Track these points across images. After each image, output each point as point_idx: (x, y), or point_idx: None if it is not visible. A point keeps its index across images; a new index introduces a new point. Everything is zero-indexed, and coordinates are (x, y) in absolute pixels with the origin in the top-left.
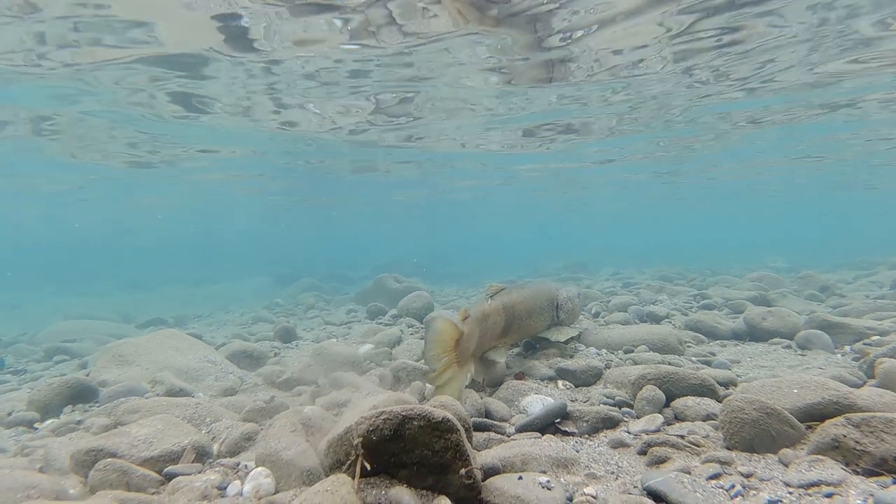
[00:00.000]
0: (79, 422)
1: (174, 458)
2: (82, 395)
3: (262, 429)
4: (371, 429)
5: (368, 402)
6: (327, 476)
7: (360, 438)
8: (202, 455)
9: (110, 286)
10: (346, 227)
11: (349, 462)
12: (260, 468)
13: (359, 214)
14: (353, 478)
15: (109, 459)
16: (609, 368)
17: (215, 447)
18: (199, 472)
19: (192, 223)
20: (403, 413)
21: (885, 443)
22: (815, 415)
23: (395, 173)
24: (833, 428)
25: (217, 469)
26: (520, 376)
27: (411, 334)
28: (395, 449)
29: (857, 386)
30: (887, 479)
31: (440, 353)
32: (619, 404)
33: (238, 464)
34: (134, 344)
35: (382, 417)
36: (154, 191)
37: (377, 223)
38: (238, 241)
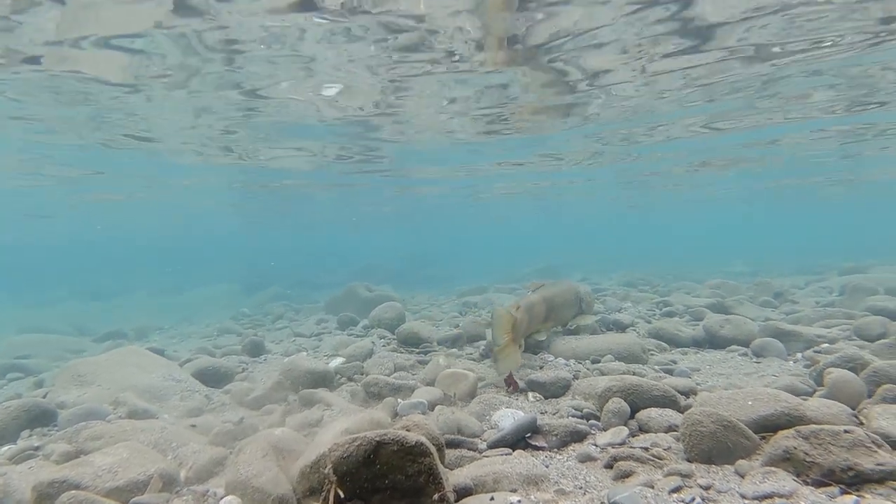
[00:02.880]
0: (37, 448)
1: (141, 487)
2: (40, 418)
3: (231, 453)
4: (344, 455)
5: (341, 424)
6: None
7: (332, 465)
8: (169, 483)
9: (63, 295)
10: (315, 232)
11: (323, 492)
12: (230, 496)
13: (330, 219)
14: None
15: (73, 492)
16: (577, 379)
17: (183, 473)
18: (167, 502)
19: (150, 228)
20: (377, 439)
21: (832, 454)
22: (768, 426)
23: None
24: (784, 440)
25: (185, 497)
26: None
27: (383, 346)
28: (369, 474)
29: (809, 394)
30: (835, 490)
31: (502, 334)
32: (587, 416)
33: (207, 491)
34: (93, 362)
35: (356, 444)
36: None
37: (349, 228)
38: (203, 247)
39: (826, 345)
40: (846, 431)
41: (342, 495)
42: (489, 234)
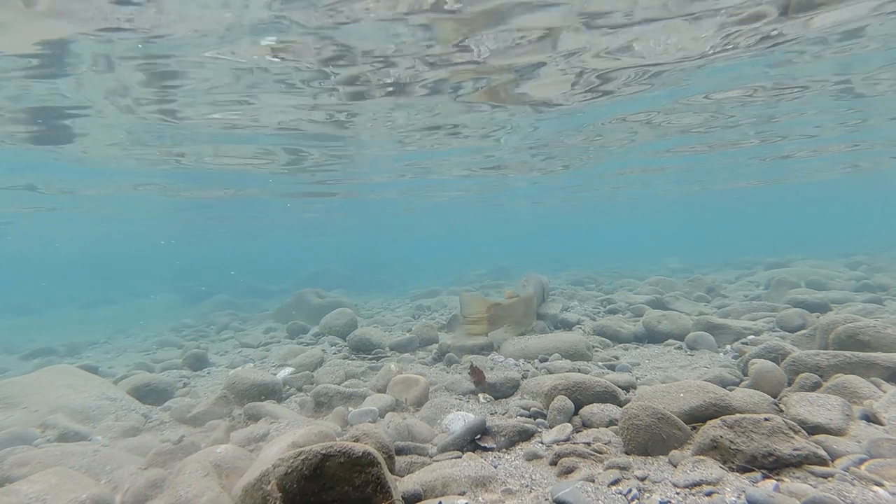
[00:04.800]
0: None
1: None
2: None
3: (170, 474)
4: (289, 471)
5: (287, 437)
6: None
7: (276, 481)
8: None
9: None
10: (262, 236)
11: None
12: None
13: (276, 223)
14: None
15: None
16: (525, 378)
17: (118, 498)
18: None
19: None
20: (323, 452)
21: (754, 441)
22: (698, 416)
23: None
24: (712, 430)
25: None
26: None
27: (335, 354)
28: (315, 488)
29: (736, 384)
30: (757, 475)
31: (473, 313)
32: (534, 415)
33: None
34: (19, 383)
35: (301, 458)
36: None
37: (296, 232)
38: (140, 254)
39: (752, 336)
40: (766, 419)
41: None
42: (439, 238)
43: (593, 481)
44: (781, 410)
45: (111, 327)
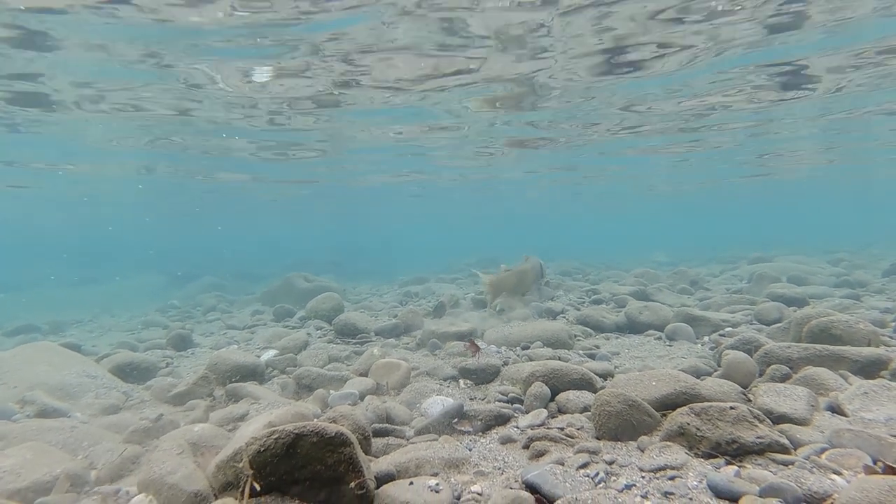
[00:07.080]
0: None
1: (47, 488)
2: None
3: (146, 451)
4: (262, 449)
5: (264, 418)
6: (216, 498)
7: (248, 459)
8: (78, 483)
9: None
10: (253, 223)
11: (241, 485)
12: (142, 495)
13: (266, 209)
14: (242, 500)
15: None
16: (506, 365)
17: (93, 474)
18: (75, 503)
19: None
20: (296, 431)
21: (719, 429)
22: (668, 404)
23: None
24: (679, 417)
25: (94, 498)
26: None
27: (320, 337)
28: (288, 466)
29: (710, 374)
30: (720, 461)
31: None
32: (512, 401)
33: (118, 490)
34: None
35: (274, 437)
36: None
37: (286, 219)
38: (126, 234)
39: (729, 328)
40: (731, 408)
41: (258, 488)
42: (431, 230)
43: (563, 464)
44: (750, 400)
45: (96, 306)
